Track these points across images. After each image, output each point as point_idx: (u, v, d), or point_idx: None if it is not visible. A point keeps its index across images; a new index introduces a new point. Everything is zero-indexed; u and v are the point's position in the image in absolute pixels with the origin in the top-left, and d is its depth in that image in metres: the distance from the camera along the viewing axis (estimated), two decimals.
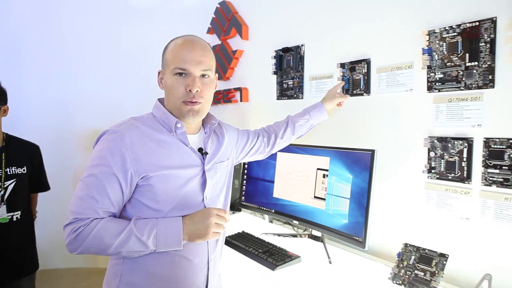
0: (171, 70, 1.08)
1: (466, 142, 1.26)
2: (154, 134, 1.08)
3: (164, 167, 1.05)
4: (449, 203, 1.32)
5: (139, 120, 1.11)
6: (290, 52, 1.95)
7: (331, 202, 1.50)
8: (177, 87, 1.08)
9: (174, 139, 1.10)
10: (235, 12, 2.30)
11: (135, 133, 1.05)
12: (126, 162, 1.01)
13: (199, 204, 1.12)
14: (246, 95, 2.27)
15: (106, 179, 1.00)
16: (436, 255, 1.24)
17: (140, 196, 1.05)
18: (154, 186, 1.04)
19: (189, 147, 1.12)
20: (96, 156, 1.03)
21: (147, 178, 1.03)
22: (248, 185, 1.92)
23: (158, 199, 1.05)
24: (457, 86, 1.27)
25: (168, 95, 1.11)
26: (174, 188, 1.07)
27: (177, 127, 1.10)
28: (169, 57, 1.10)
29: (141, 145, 1.04)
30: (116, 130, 1.05)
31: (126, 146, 1.02)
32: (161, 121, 1.11)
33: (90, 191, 1.00)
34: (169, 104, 1.12)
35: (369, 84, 1.57)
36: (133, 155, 1.02)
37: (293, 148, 1.70)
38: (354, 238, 1.38)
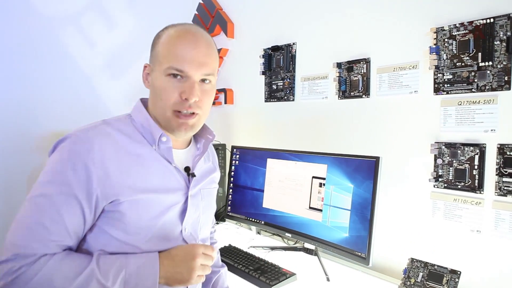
0: (163, 68, 0.85)
1: (477, 148, 1.17)
2: (131, 145, 0.85)
3: (140, 191, 0.83)
4: (458, 214, 1.22)
5: (113, 125, 0.87)
6: (280, 51, 1.82)
7: (329, 214, 1.37)
8: (169, 92, 0.85)
9: (155, 154, 0.88)
10: (219, 8, 2.16)
11: (107, 142, 0.82)
12: (92, 181, 0.78)
13: (176, 236, 0.90)
14: (231, 97, 2.12)
15: (64, 202, 0.77)
16: (446, 271, 1.14)
17: (106, 224, 0.82)
18: (125, 214, 0.81)
19: (173, 165, 0.91)
20: (53, 169, 0.79)
21: (117, 203, 0.81)
22: (234, 194, 1.77)
23: (129, 230, 0.83)
24: (468, 88, 1.18)
25: (155, 99, 0.88)
26: (150, 218, 0.85)
27: (161, 141, 0.88)
28: (162, 50, 0.86)
29: (114, 159, 0.81)
30: (83, 137, 0.81)
31: (95, 160, 0.79)
32: (142, 128, 0.89)
33: (40, 217, 0.75)
34: (155, 110, 0.89)
35: (368, 86, 1.46)
36: (102, 172, 0.79)
37: (285, 154, 1.57)
38: (356, 253, 1.26)
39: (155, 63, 0.88)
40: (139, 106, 0.93)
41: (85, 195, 0.78)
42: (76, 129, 0.85)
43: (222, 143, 2.05)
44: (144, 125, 0.89)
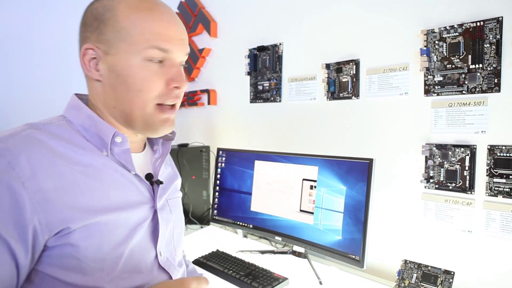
0: (139, 50, 0.67)
1: (468, 149, 1.18)
2: (74, 153, 0.65)
3: (95, 212, 0.63)
4: (449, 215, 1.23)
5: (44, 129, 0.65)
6: (266, 51, 1.79)
7: (321, 217, 1.35)
8: (152, 81, 0.68)
9: (108, 161, 0.69)
10: (201, 7, 2.11)
11: (37, 152, 0.60)
12: (24, 209, 0.56)
13: (151, 265, 0.72)
14: (214, 98, 2.08)
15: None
16: (440, 272, 1.14)
17: (50, 266, 0.60)
18: (78, 246, 0.60)
19: (133, 173, 0.72)
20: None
21: (65, 233, 0.60)
22: (221, 198, 1.72)
23: (87, 268, 0.62)
24: (458, 90, 1.19)
25: (125, 93, 0.69)
26: (114, 245, 0.65)
27: (115, 143, 0.69)
28: (134, 28, 0.67)
29: (51, 174, 0.60)
30: (0, 147, 0.59)
31: (23, 177, 0.57)
32: (84, 131, 0.69)
33: None
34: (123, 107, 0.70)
35: (358, 87, 1.45)
36: (37, 194, 0.58)
37: (274, 156, 1.54)
38: (350, 256, 1.25)
39: (114, 44, 0.67)
40: (75, 102, 0.72)
41: (14, 230, 0.56)
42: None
43: (206, 145, 1.99)
44: (86, 126, 0.69)
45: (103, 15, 0.68)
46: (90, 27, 0.69)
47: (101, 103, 0.72)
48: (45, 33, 1.98)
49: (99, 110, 0.72)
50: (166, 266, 0.76)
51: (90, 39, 0.69)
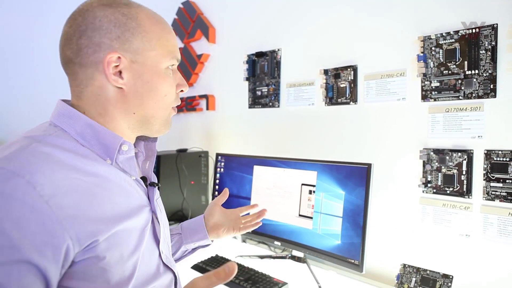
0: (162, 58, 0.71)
1: (465, 154, 1.20)
2: (82, 164, 0.63)
3: (112, 221, 0.63)
4: (447, 219, 1.24)
5: (45, 141, 0.63)
6: (265, 57, 1.80)
7: (320, 221, 1.36)
8: (172, 86, 0.74)
9: (112, 169, 0.69)
10: (200, 13, 2.12)
11: (51, 167, 0.58)
12: (54, 228, 0.55)
13: (157, 264, 0.74)
14: (213, 103, 2.09)
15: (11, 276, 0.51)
16: (439, 276, 1.15)
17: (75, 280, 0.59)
18: (104, 257, 0.61)
19: (133, 178, 0.74)
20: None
21: (93, 246, 0.59)
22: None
23: (112, 276, 0.62)
24: (455, 95, 1.21)
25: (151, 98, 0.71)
26: (132, 251, 0.66)
27: (121, 151, 0.70)
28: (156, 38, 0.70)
29: (68, 189, 0.59)
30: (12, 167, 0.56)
31: (44, 196, 0.55)
32: (82, 140, 0.67)
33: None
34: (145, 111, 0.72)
35: (356, 92, 1.47)
36: (61, 210, 0.56)
37: (273, 161, 1.55)
38: (349, 260, 1.25)
39: (140, 53, 0.69)
40: (68, 110, 0.69)
41: (46, 252, 0.54)
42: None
43: (204, 150, 2.00)
44: (84, 135, 0.67)
45: (126, 24, 0.68)
46: (108, 33, 0.67)
47: (116, 111, 0.71)
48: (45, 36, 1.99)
49: (100, 118, 0.70)
50: (168, 263, 0.78)
51: (113, 47, 0.67)
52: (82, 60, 0.67)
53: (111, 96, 0.70)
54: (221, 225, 1.10)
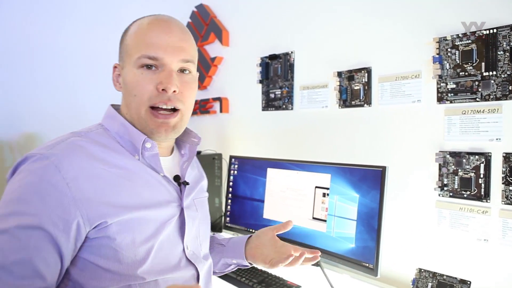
0: (133, 60, 0.76)
1: (483, 157, 1.17)
2: (110, 157, 0.74)
3: (129, 208, 0.72)
4: (464, 223, 1.22)
5: (85, 136, 0.76)
6: (278, 59, 1.80)
7: (334, 224, 1.35)
8: (142, 84, 0.75)
9: (139, 164, 0.78)
10: (213, 16, 2.14)
11: (79, 156, 0.70)
12: (68, 205, 0.66)
13: (179, 258, 0.81)
14: (227, 106, 2.10)
15: (29, 236, 0.63)
16: (456, 281, 1.13)
17: (92, 255, 0.70)
18: (114, 238, 0.70)
19: (161, 175, 0.81)
20: (12, 198, 0.65)
21: (104, 227, 0.69)
22: (233, 205, 1.73)
23: (123, 257, 0.70)
24: (472, 97, 1.19)
25: (128, 98, 0.78)
26: (146, 238, 0.74)
27: (145, 148, 0.77)
28: (131, 42, 0.78)
29: (91, 175, 0.69)
30: (47, 154, 0.68)
31: (66, 178, 0.66)
32: (119, 137, 0.79)
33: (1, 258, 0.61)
34: (129, 112, 0.80)
35: (370, 95, 1.45)
36: (79, 192, 0.67)
37: (286, 164, 1.55)
38: (363, 264, 1.24)
39: (125, 58, 0.79)
40: (111, 112, 0.82)
41: (59, 223, 0.65)
42: (39, 147, 0.72)
43: (218, 153, 2.01)
44: (120, 133, 0.79)
45: (122, 36, 0.83)
46: (119, 47, 0.83)
47: (126, 110, 0.82)
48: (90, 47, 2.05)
49: (129, 117, 0.81)
50: (193, 259, 0.84)
51: (118, 57, 0.83)
52: None
53: (122, 99, 0.83)
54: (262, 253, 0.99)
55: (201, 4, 2.19)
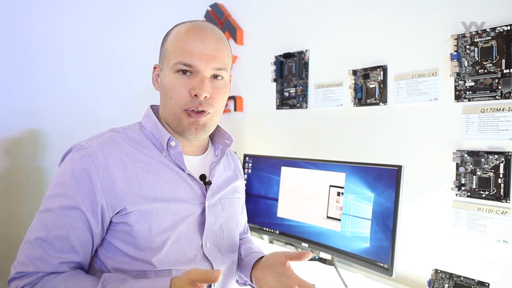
0: (171, 65, 0.82)
1: (502, 156, 1.15)
2: (139, 152, 0.82)
3: (148, 200, 0.78)
4: (482, 224, 1.19)
5: (121, 132, 0.84)
6: (293, 58, 1.80)
7: (348, 223, 1.34)
8: (178, 89, 0.81)
9: (165, 161, 0.84)
10: (228, 15, 2.15)
11: (111, 150, 0.79)
12: (96, 190, 0.75)
13: (195, 252, 0.84)
14: (241, 104, 2.10)
15: (67, 215, 0.74)
16: (474, 283, 1.11)
17: (115, 238, 0.78)
18: (132, 226, 0.77)
19: (186, 172, 0.86)
20: (56, 182, 0.77)
21: (124, 214, 0.76)
22: (247, 203, 1.73)
23: (140, 244, 0.77)
24: (491, 95, 1.16)
25: (165, 99, 0.84)
26: (162, 230, 0.79)
27: (170, 146, 0.84)
28: (170, 47, 0.83)
29: (118, 167, 0.78)
30: (86, 145, 0.78)
31: (98, 167, 0.76)
32: (151, 135, 0.86)
33: (44, 233, 0.73)
34: (165, 111, 0.86)
35: (385, 93, 1.44)
36: (106, 180, 0.76)
37: (300, 163, 1.54)
38: (378, 264, 1.23)
39: (163, 62, 0.86)
40: (149, 112, 0.90)
41: (89, 206, 0.75)
42: (83, 140, 0.82)
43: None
44: (153, 132, 0.86)
45: (162, 41, 0.88)
46: (160, 49, 0.88)
47: (162, 109, 0.88)
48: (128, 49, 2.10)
49: (164, 116, 0.87)
50: (210, 256, 0.87)
51: (158, 58, 0.89)
52: None
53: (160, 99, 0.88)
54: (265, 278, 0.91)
55: (215, 3, 2.20)
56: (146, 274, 0.78)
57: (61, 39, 1.97)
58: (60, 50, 1.98)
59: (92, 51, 2.07)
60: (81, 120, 2.03)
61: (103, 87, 2.12)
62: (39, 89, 1.93)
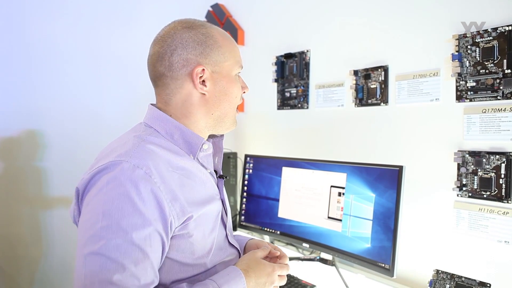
0: (233, 67, 0.87)
1: (504, 157, 1.14)
2: (174, 159, 0.80)
3: (198, 204, 0.79)
4: (484, 224, 1.19)
5: (148, 140, 0.79)
6: (294, 58, 1.80)
7: (349, 224, 1.34)
8: (239, 89, 0.89)
9: (194, 163, 0.85)
10: (229, 15, 2.15)
11: (157, 161, 0.75)
12: (164, 207, 0.71)
13: (225, 243, 0.90)
14: (242, 105, 2.10)
15: (146, 241, 0.68)
16: (475, 284, 1.10)
17: (170, 251, 0.76)
18: (192, 233, 0.77)
19: (208, 171, 0.89)
20: (116, 207, 0.68)
21: (186, 224, 0.76)
22: (248, 204, 1.74)
23: (196, 249, 0.79)
24: (493, 95, 1.16)
25: (224, 101, 0.86)
26: (210, 231, 0.83)
27: (202, 149, 0.85)
28: (228, 50, 0.85)
29: (170, 178, 0.76)
30: (133, 161, 0.72)
31: (158, 183, 0.72)
32: (171, 139, 0.83)
33: (125, 267, 0.65)
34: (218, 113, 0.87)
35: (387, 93, 1.44)
36: (168, 194, 0.73)
37: (301, 163, 1.54)
38: (379, 264, 1.23)
39: (218, 64, 0.84)
40: (159, 114, 0.85)
41: (163, 225, 0.71)
42: (113, 154, 0.75)
43: (233, 152, 2.02)
44: (174, 135, 0.83)
45: (205, 42, 0.83)
46: (194, 50, 0.82)
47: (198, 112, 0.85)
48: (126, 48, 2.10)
49: (185, 120, 0.85)
50: (233, 242, 0.94)
51: (198, 61, 0.82)
52: (174, 74, 0.82)
53: (195, 101, 0.84)
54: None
55: (216, 3, 2.20)
56: (199, 277, 0.81)
57: (61, 39, 1.97)
58: (60, 50, 1.98)
59: (92, 51, 2.07)
60: (81, 121, 2.03)
61: (104, 87, 2.12)
62: (39, 89, 1.93)
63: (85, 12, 2.06)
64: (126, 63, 2.16)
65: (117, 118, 2.09)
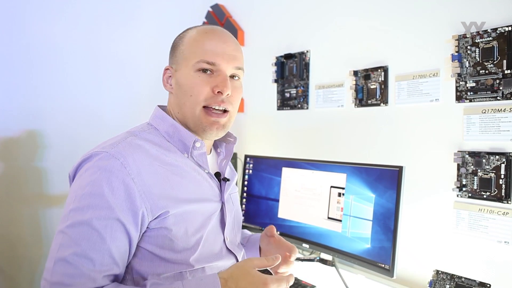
0: (192, 64, 0.83)
1: (504, 157, 1.14)
2: (163, 155, 0.82)
3: (183, 201, 0.79)
4: (484, 225, 1.19)
5: (139, 135, 0.83)
6: (293, 58, 1.80)
7: (349, 224, 1.34)
8: (200, 86, 0.82)
9: (188, 161, 0.85)
10: (229, 16, 2.15)
11: (140, 155, 0.78)
12: (135, 198, 0.73)
13: (220, 247, 0.89)
14: (242, 105, 2.10)
15: (106, 227, 0.71)
16: (475, 284, 1.11)
17: (149, 244, 0.77)
18: (171, 229, 0.77)
19: (206, 172, 0.89)
20: (85, 193, 0.72)
21: (163, 218, 0.76)
22: (248, 204, 1.74)
23: (177, 247, 0.78)
24: (493, 96, 1.16)
25: (182, 99, 0.85)
26: (195, 230, 0.81)
27: (195, 147, 0.85)
28: (189, 48, 0.85)
29: (150, 171, 0.77)
30: (113, 152, 0.76)
31: (132, 174, 0.74)
32: (168, 136, 0.86)
33: (82, 248, 0.69)
34: (182, 111, 0.86)
35: (386, 94, 1.44)
36: (142, 186, 0.75)
37: (301, 163, 1.54)
38: (379, 265, 1.23)
39: (180, 62, 0.86)
40: (161, 113, 0.89)
41: (129, 215, 0.73)
42: (101, 146, 0.79)
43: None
44: (170, 133, 0.86)
45: (176, 44, 0.89)
46: (170, 53, 0.90)
47: (178, 109, 0.88)
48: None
49: (179, 117, 0.88)
50: (232, 248, 0.92)
51: (169, 62, 0.90)
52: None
53: (170, 99, 0.90)
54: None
55: (216, 4, 2.20)
56: (182, 275, 0.80)
57: (61, 39, 1.97)
58: (61, 50, 1.98)
59: (93, 52, 2.07)
60: (81, 121, 2.03)
61: (104, 87, 2.12)
62: (39, 89, 1.93)
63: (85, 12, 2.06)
64: (126, 63, 2.16)
65: (117, 118, 2.09)
